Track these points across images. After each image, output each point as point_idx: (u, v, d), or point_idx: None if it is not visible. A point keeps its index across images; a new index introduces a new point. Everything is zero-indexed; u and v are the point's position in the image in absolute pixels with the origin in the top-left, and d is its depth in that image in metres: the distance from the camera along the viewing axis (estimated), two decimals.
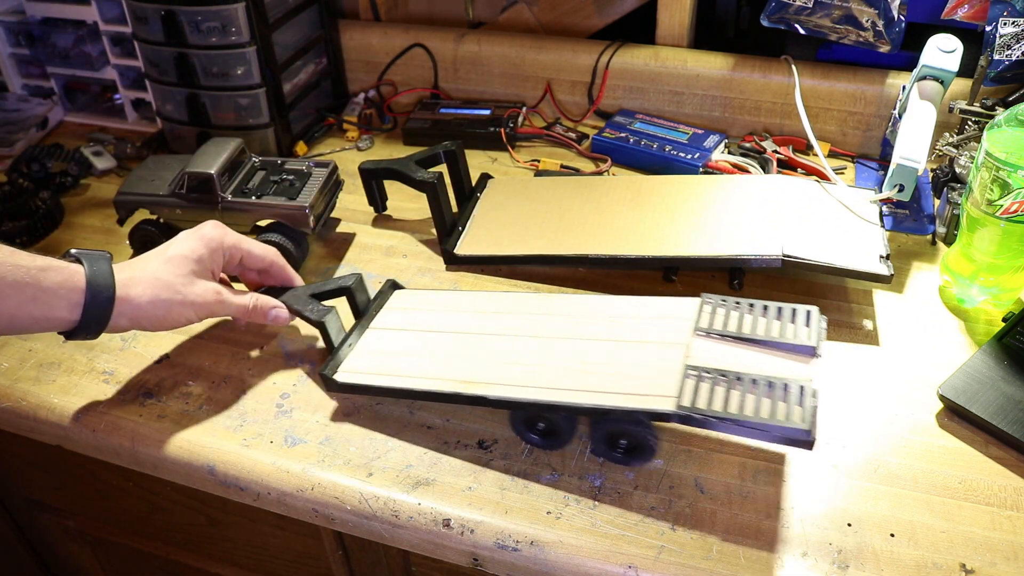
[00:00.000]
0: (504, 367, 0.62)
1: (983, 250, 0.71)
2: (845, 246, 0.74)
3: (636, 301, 0.66)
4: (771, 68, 0.98)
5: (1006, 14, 0.86)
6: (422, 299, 0.72)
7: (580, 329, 0.64)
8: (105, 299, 0.59)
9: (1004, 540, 0.54)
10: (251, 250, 0.68)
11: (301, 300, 0.69)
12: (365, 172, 0.86)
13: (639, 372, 0.58)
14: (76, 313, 0.58)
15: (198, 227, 0.66)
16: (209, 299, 0.64)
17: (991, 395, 0.62)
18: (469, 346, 0.65)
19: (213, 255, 0.65)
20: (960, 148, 0.85)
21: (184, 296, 0.62)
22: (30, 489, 0.86)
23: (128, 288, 0.60)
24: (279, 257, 0.70)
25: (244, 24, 0.90)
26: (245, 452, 0.62)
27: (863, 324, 0.73)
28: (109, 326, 0.60)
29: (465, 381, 0.61)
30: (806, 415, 0.52)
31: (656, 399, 0.55)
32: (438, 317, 0.69)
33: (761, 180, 0.84)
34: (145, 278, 0.61)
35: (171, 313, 0.62)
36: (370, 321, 0.70)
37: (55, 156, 1.00)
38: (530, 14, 1.12)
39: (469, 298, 0.71)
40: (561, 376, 0.59)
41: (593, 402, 0.57)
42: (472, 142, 1.00)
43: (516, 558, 0.56)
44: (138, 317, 0.61)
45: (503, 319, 0.67)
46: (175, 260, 0.63)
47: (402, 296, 0.73)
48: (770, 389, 0.55)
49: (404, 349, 0.66)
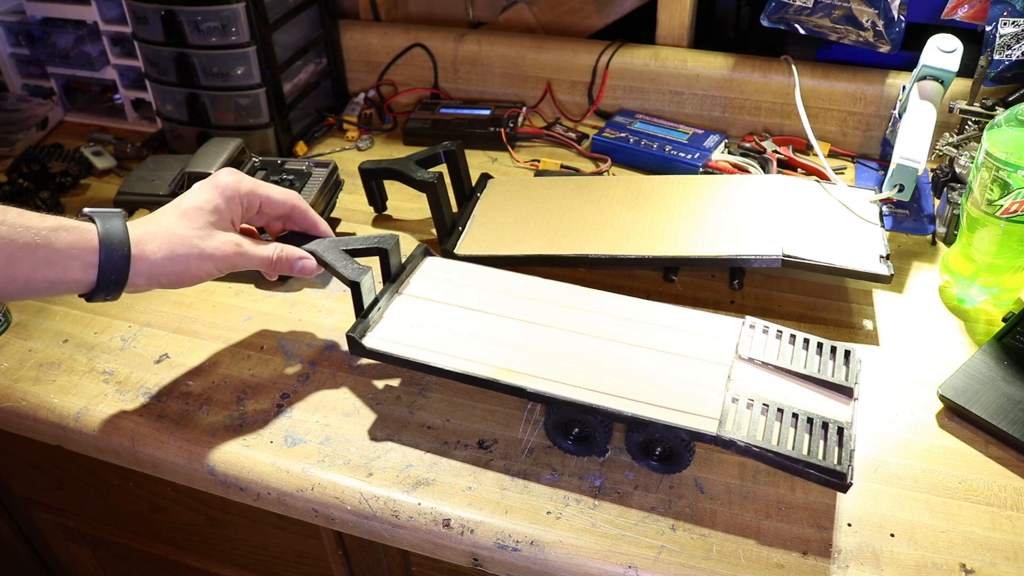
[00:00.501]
0: (544, 360, 0.60)
1: (983, 250, 0.71)
2: (845, 246, 0.74)
3: (677, 313, 0.65)
4: (771, 68, 0.98)
5: (1006, 14, 0.86)
6: (456, 271, 0.70)
7: (622, 332, 0.63)
8: (120, 257, 0.56)
9: (1004, 540, 0.54)
10: (270, 195, 0.65)
11: (334, 254, 0.65)
12: (365, 172, 0.86)
13: (682, 387, 0.58)
14: (92, 274, 0.56)
15: (213, 176, 0.63)
16: (228, 251, 0.61)
17: (991, 395, 0.62)
18: (506, 331, 0.63)
19: (230, 204, 0.62)
20: (960, 148, 0.85)
21: (202, 250, 0.59)
22: (30, 489, 0.86)
23: (143, 245, 0.57)
24: (301, 201, 0.66)
25: (244, 24, 0.90)
26: (245, 452, 0.62)
27: (863, 324, 0.73)
28: (128, 285, 0.57)
29: (503, 368, 0.59)
30: (844, 457, 0.53)
31: (699, 419, 0.55)
32: (473, 294, 0.67)
33: (761, 180, 0.84)
34: (160, 233, 0.58)
35: (190, 268, 0.59)
36: (401, 287, 0.67)
37: (55, 156, 1.00)
38: (530, 14, 1.12)
39: (504, 279, 0.69)
40: (603, 378, 0.58)
41: (635, 411, 0.56)
42: (472, 142, 1.00)
43: (516, 558, 0.56)
44: (156, 274, 0.58)
45: (543, 308, 0.65)
46: (190, 213, 0.60)
47: (435, 264, 0.71)
48: (810, 426, 0.55)
49: (438, 323, 0.64)
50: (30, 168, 0.97)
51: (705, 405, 0.56)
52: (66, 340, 0.73)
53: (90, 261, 0.56)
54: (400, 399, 0.66)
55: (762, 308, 0.75)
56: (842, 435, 0.54)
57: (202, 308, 0.77)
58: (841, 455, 0.53)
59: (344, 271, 0.64)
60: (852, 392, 0.58)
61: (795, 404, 0.56)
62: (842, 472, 0.52)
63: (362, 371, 0.69)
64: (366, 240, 0.67)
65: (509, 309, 0.65)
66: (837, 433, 0.54)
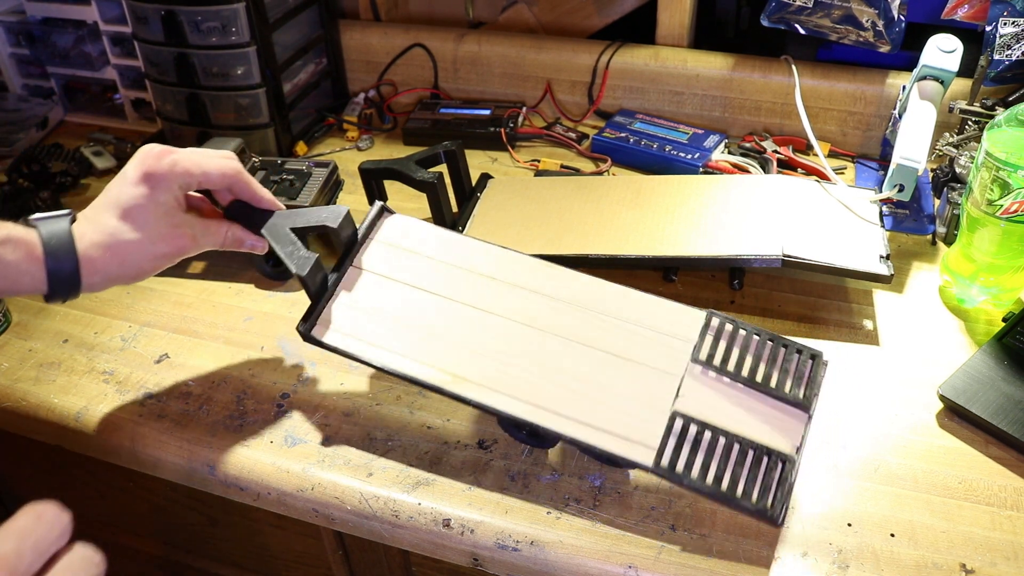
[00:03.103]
0: (492, 362, 0.59)
1: (983, 250, 0.71)
2: (845, 246, 0.74)
3: (641, 303, 0.62)
4: (771, 68, 0.98)
5: (1006, 14, 0.86)
6: (414, 236, 0.66)
7: (577, 328, 0.61)
8: (68, 272, 0.56)
9: (1004, 540, 0.54)
10: (207, 172, 0.60)
11: (282, 237, 0.62)
12: (365, 172, 0.86)
13: (625, 406, 0.56)
14: (43, 286, 0.56)
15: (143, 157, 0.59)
16: (181, 244, 0.60)
17: (991, 395, 0.62)
18: (460, 322, 0.61)
19: (167, 191, 0.59)
20: (960, 148, 0.85)
21: (154, 250, 0.59)
22: (30, 489, 0.86)
23: (93, 260, 0.57)
24: (240, 174, 0.62)
25: (244, 24, 0.90)
26: (245, 452, 0.62)
27: (863, 324, 0.73)
28: (85, 288, 0.58)
29: (450, 373, 0.58)
30: (780, 496, 0.52)
31: (637, 447, 0.54)
32: (432, 269, 0.64)
33: (761, 180, 0.84)
34: (107, 243, 0.58)
35: (142, 268, 0.60)
36: (358, 257, 0.64)
37: (55, 156, 1.00)
38: (530, 14, 1.12)
39: (470, 250, 0.65)
40: (548, 389, 0.57)
41: (575, 434, 0.55)
42: (472, 142, 1.00)
43: (516, 558, 0.56)
44: (109, 279, 0.59)
45: (503, 293, 0.63)
46: (131, 214, 0.58)
47: (396, 225, 0.66)
48: (752, 457, 0.54)
49: (392, 310, 0.62)
50: (30, 168, 0.97)
51: (645, 429, 0.55)
52: (66, 340, 0.73)
53: (39, 276, 0.56)
54: (400, 399, 0.66)
55: (762, 308, 0.75)
56: (783, 470, 0.53)
57: (202, 308, 0.77)
58: (776, 494, 0.52)
59: (290, 261, 0.61)
60: (808, 411, 0.56)
61: (740, 428, 0.55)
62: (773, 516, 0.52)
63: (362, 371, 0.69)
64: (312, 217, 0.63)
65: (465, 292, 0.62)
66: (780, 467, 0.53)
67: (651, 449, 0.54)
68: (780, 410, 0.56)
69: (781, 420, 0.56)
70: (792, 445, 0.55)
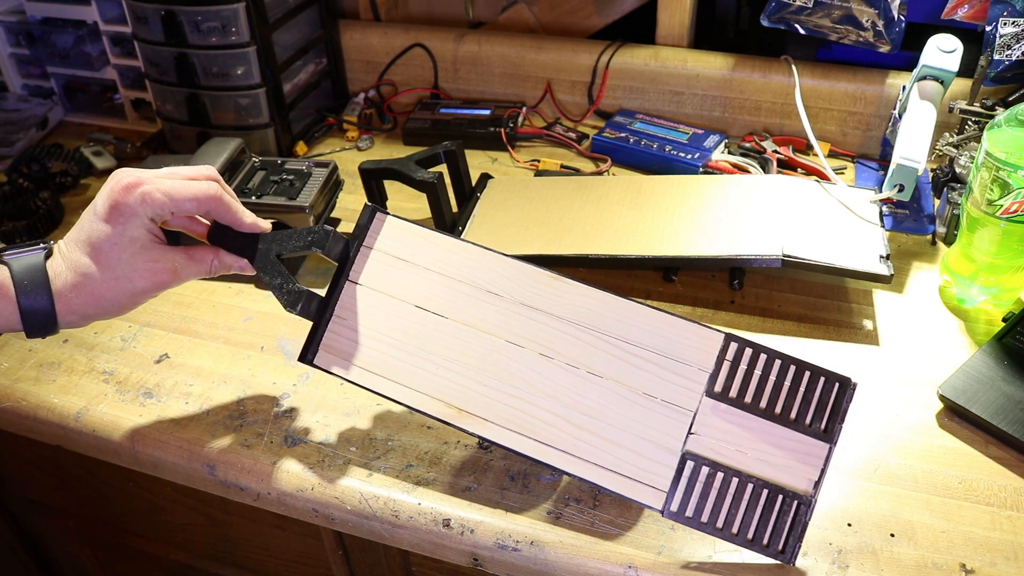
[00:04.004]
0: (499, 393, 0.57)
1: (983, 250, 0.71)
2: (845, 246, 0.74)
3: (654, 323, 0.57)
4: (771, 68, 0.98)
5: (1006, 14, 0.86)
6: (410, 245, 0.62)
7: (589, 355, 0.57)
8: (44, 312, 0.55)
9: (1004, 540, 0.54)
10: (179, 203, 0.56)
11: (270, 268, 0.60)
12: (365, 172, 0.86)
13: (637, 444, 0.55)
14: (18, 324, 0.55)
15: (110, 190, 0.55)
16: (159, 279, 0.57)
17: (991, 395, 0.62)
18: (464, 348, 0.59)
19: (140, 227, 0.56)
20: (960, 148, 0.85)
21: (130, 288, 0.56)
22: (30, 489, 0.86)
23: (68, 300, 0.55)
24: (218, 201, 0.57)
25: (244, 24, 0.90)
26: (245, 452, 0.62)
27: (863, 324, 0.73)
28: (63, 326, 0.56)
29: (452, 406, 0.57)
30: (792, 540, 0.52)
31: (646, 490, 0.54)
32: (433, 285, 0.60)
33: (761, 180, 0.84)
34: (83, 284, 0.56)
35: (123, 303, 0.57)
36: (352, 270, 0.61)
37: (55, 156, 1.00)
38: (530, 14, 1.12)
39: (471, 260, 0.61)
40: (556, 426, 0.56)
41: (581, 474, 0.55)
42: (472, 142, 1.00)
43: (516, 558, 0.56)
44: (89, 316, 0.57)
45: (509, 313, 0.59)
46: (104, 254, 0.55)
47: (389, 231, 0.62)
48: (766, 498, 0.53)
49: (391, 332, 0.60)
50: (30, 168, 0.97)
51: (655, 471, 0.54)
52: (66, 340, 0.73)
53: (14, 318, 0.55)
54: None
55: (762, 308, 0.75)
56: (797, 512, 0.52)
57: (202, 308, 0.77)
58: (788, 538, 0.52)
59: (281, 298, 0.59)
60: (831, 439, 0.53)
61: (755, 467, 0.53)
62: (784, 559, 0.52)
63: None
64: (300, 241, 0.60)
65: (468, 313, 0.60)
66: (793, 510, 0.52)
67: (660, 492, 0.54)
68: (800, 442, 0.53)
69: (800, 453, 0.53)
70: (810, 481, 0.53)
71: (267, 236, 0.61)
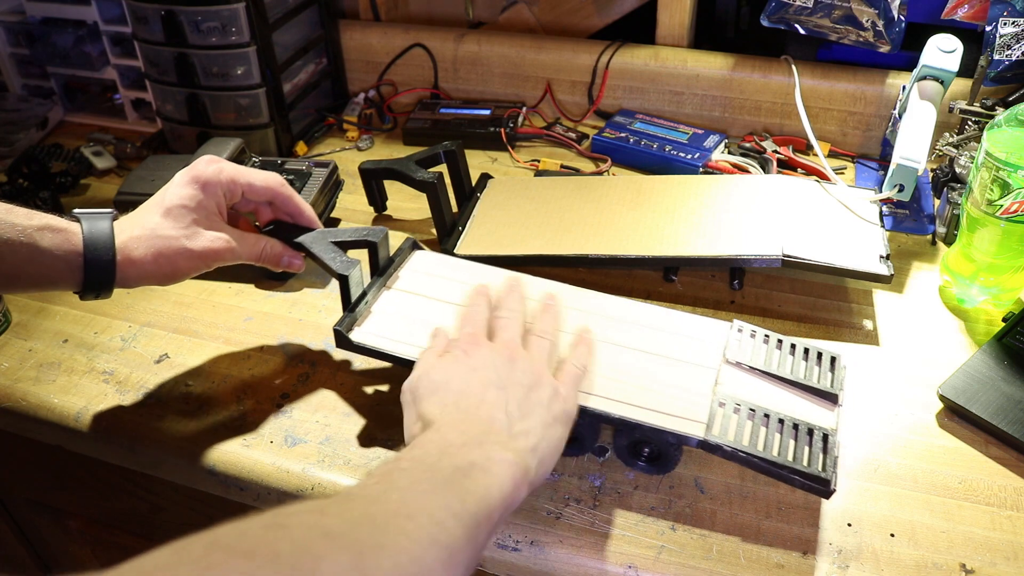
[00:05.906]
0: None
1: (983, 250, 0.71)
2: (845, 246, 0.74)
3: (664, 314, 0.65)
4: (771, 68, 0.98)
5: (1006, 14, 0.86)
6: (445, 266, 0.70)
7: (609, 332, 0.62)
8: (105, 261, 0.57)
9: (1004, 540, 0.54)
10: (252, 183, 0.63)
11: (322, 246, 0.65)
12: (365, 172, 0.86)
13: (669, 390, 0.58)
14: (78, 275, 0.57)
15: (192, 165, 0.62)
16: (216, 247, 0.61)
17: (991, 395, 0.62)
18: None
19: (212, 197, 0.62)
20: (960, 148, 0.85)
21: (190, 249, 0.60)
22: (30, 489, 0.86)
23: (130, 251, 0.58)
24: (284, 187, 0.65)
25: (244, 24, 0.90)
26: (245, 452, 0.62)
27: (863, 324, 0.73)
28: (118, 283, 0.59)
29: None
30: (828, 464, 0.53)
31: (686, 422, 0.55)
32: (461, 289, 0.66)
33: (761, 180, 0.84)
34: (146, 236, 0.59)
35: (178, 268, 0.60)
36: (389, 280, 0.67)
37: (55, 156, 1.00)
38: (530, 14, 1.12)
39: (491, 275, 0.68)
40: (589, 379, 0.58)
41: (622, 414, 0.56)
42: (472, 142, 1.00)
43: (516, 558, 0.56)
44: (144, 275, 0.59)
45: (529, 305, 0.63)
46: (174, 212, 0.60)
47: (423, 258, 0.71)
48: (795, 432, 0.55)
49: (425, 318, 0.63)
50: (30, 168, 0.97)
51: (692, 409, 0.56)
52: (66, 340, 0.73)
53: (75, 264, 0.57)
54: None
55: (762, 308, 0.75)
56: (827, 442, 0.54)
57: (202, 308, 0.77)
58: (825, 462, 0.53)
59: (332, 264, 0.64)
60: (837, 399, 0.58)
61: (781, 409, 0.57)
62: (826, 479, 0.52)
63: (362, 371, 0.69)
64: (355, 232, 0.67)
65: None
66: (822, 440, 0.55)
67: (700, 423, 0.55)
68: (812, 399, 0.59)
69: (815, 406, 0.58)
70: (831, 422, 0.56)
71: (321, 231, 0.67)
